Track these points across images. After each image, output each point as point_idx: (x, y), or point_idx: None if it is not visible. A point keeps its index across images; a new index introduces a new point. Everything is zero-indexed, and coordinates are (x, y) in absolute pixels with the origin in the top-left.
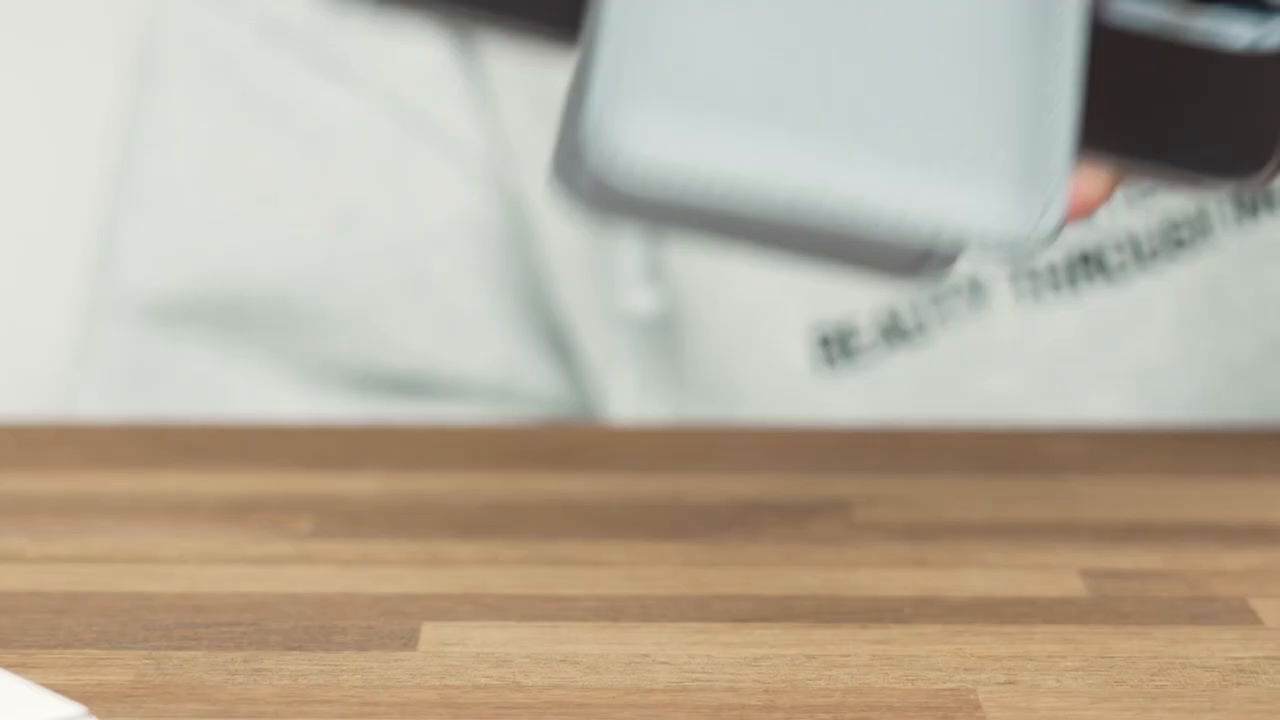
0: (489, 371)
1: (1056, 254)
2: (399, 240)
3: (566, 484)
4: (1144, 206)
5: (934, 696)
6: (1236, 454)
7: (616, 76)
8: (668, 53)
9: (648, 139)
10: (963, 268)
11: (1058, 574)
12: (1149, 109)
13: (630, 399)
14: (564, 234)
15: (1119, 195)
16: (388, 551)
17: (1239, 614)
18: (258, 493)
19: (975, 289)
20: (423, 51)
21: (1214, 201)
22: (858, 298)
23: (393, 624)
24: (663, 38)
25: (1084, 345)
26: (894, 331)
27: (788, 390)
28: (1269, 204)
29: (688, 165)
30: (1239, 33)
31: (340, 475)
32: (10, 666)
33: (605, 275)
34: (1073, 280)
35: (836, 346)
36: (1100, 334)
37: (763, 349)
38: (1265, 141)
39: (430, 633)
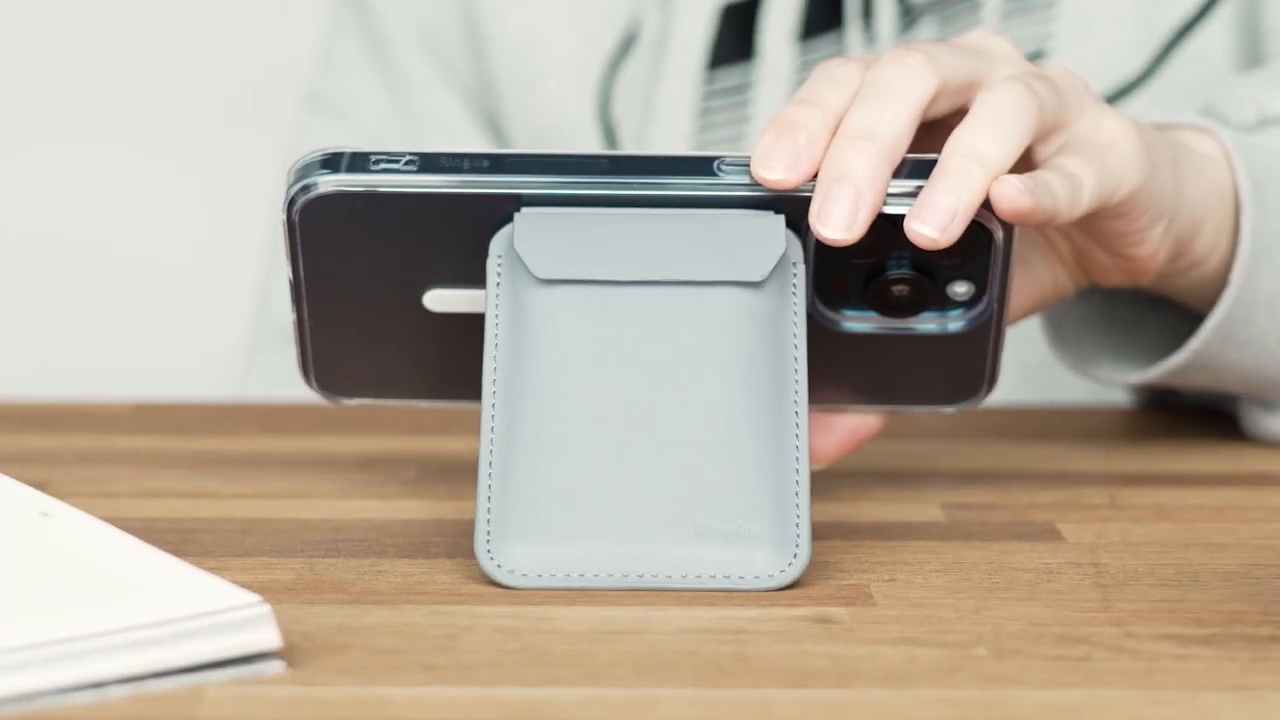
0: None
1: None
2: None
3: None
4: None
5: (841, 589)
6: (1046, 424)
7: (490, 519)
8: (525, 500)
9: (521, 564)
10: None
11: (925, 505)
12: (894, 373)
13: None
14: None
15: None
16: (470, 490)
17: (1048, 534)
18: (379, 450)
19: None
20: None
21: None
22: None
23: (473, 541)
24: (517, 492)
25: None
26: None
27: None
28: None
29: (548, 576)
30: (933, 325)
31: (437, 438)
32: (209, 569)
33: None
34: None
35: None
36: None
37: None
38: (971, 380)
39: None
